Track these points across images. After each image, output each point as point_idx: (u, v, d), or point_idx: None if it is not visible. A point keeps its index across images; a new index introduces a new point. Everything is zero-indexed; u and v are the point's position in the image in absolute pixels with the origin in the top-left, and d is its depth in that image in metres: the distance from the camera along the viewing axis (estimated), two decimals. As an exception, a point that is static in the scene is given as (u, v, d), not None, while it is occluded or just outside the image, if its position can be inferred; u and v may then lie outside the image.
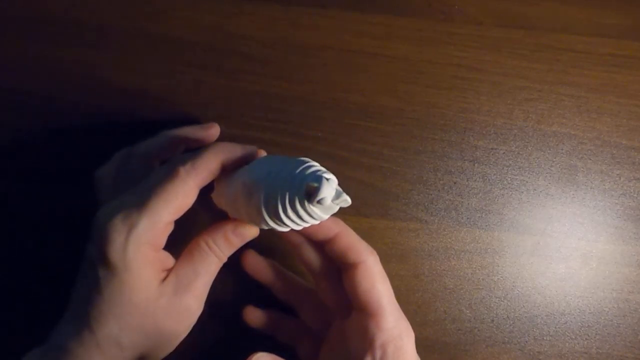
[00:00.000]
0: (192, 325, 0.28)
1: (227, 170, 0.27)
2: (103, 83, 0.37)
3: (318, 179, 0.23)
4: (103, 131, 0.36)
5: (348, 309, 0.30)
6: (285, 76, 0.38)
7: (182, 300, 0.27)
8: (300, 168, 0.24)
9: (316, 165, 0.25)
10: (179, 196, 0.25)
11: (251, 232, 0.29)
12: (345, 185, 0.36)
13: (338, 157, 0.37)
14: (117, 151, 0.32)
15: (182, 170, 0.25)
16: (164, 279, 0.27)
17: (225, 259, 0.29)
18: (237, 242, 0.28)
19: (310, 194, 0.24)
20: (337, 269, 0.30)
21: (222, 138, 0.36)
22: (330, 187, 0.23)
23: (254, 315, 0.34)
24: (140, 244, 0.24)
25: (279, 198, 0.24)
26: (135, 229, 0.24)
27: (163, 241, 0.26)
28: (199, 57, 0.38)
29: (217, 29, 0.38)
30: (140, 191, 0.26)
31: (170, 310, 0.26)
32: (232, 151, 0.27)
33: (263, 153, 0.28)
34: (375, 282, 0.28)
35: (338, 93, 0.38)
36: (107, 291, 0.25)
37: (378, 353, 0.27)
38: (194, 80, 0.38)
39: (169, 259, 0.27)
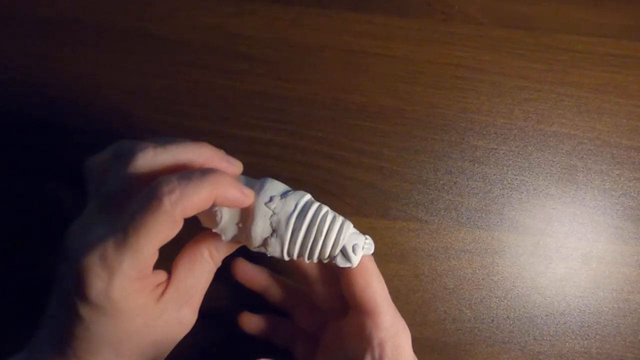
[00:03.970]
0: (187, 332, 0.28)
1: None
2: (103, 83, 0.37)
3: (357, 248, 0.27)
4: (103, 131, 0.36)
5: (343, 310, 0.30)
6: (285, 76, 0.38)
7: (182, 314, 0.26)
8: (338, 237, 0.26)
9: (340, 219, 0.27)
10: (164, 230, 0.22)
11: None
12: (345, 185, 0.36)
13: (338, 157, 0.37)
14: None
15: (167, 202, 0.22)
16: (162, 293, 0.25)
17: (220, 264, 0.28)
18: (235, 247, 0.28)
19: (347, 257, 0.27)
20: (330, 271, 0.30)
21: (222, 137, 0.36)
22: (367, 248, 0.27)
23: (249, 321, 0.33)
24: (124, 284, 0.22)
25: (316, 253, 0.26)
26: (117, 271, 0.22)
27: (150, 269, 0.24)
28: (199, 57, 0.38)
29: (217, 29, 0.38)
30: (119, 221, 0.23)
31: (169, 325, 0.26)
32: (228, 189, 0.24)
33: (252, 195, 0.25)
34: (371, 280, 0.28)
35: (338, 93, 0.38)
36: (95, 328, 0.23)
37: (376, 351, 0.27)
38: (194, 80, 0.38)
39: (159, 274, 0.25)
